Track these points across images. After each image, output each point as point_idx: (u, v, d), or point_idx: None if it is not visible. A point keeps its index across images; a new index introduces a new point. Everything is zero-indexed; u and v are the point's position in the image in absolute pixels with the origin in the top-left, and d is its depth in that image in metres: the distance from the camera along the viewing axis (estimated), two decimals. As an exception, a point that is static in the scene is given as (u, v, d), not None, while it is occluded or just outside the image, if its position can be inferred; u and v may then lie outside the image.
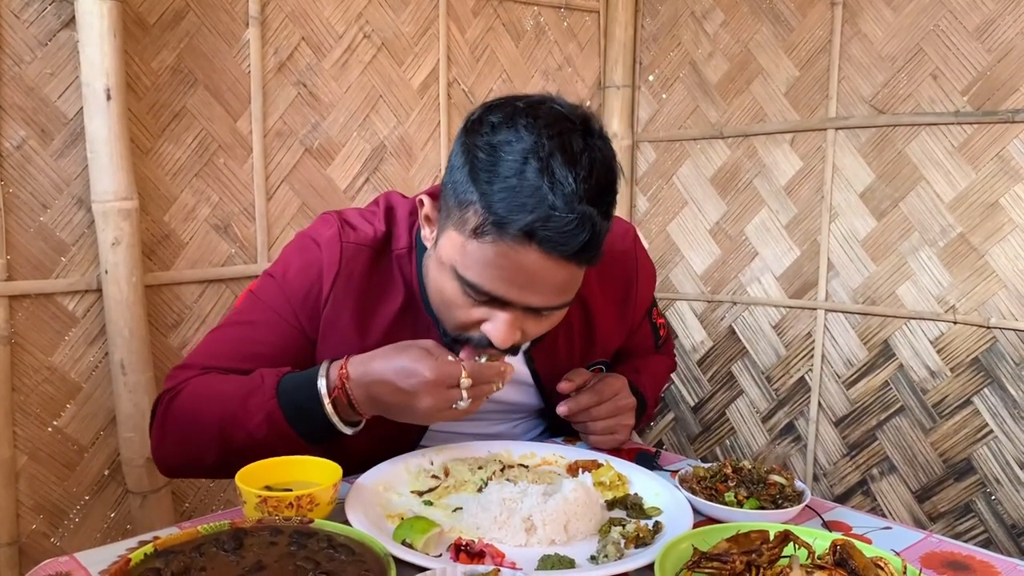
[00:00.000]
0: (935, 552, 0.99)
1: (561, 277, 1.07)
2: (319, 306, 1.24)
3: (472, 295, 1.09)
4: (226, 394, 1.16)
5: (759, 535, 0.90)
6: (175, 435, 1.20)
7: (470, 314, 1.12)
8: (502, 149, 1.03)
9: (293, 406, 1.12)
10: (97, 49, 1.82)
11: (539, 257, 1.03)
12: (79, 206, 1.92)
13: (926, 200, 2.30)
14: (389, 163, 2.43)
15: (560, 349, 1.36)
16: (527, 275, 1.05)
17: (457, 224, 1.07)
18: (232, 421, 1.13)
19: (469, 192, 1.05)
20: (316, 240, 1.26)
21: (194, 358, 1.26)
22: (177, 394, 1.20)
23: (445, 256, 1.10)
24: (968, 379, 2.26)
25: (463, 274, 1.07)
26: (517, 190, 1.01)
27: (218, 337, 1.28)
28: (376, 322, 1.25)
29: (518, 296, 1.07)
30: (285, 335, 1.24)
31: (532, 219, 1.00)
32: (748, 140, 2.66)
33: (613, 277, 1.40)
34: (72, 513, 1.99)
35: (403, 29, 2.41)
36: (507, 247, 1.03)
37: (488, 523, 0.98)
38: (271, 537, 0.86)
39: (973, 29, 2.18)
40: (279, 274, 1.27)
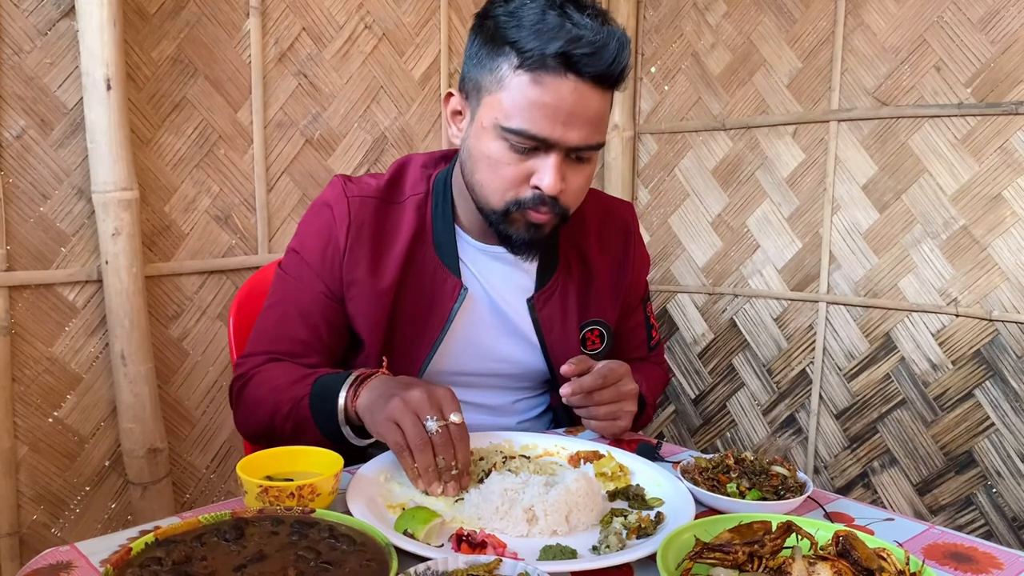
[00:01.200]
0: (937, 544, 0.99)
1: (595, 107, 1.17)
2: (339, 263, 1.31)
3: (519, 145, 1.18)
4: (279, 384, 1.25)
5: (762, 526, 0.90)
6: (244, 418, 1.33)
7: (518, 170, 1.20)
8: (520, 10, 1.16)
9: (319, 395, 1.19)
10: (97, 38, 1.81)
11: (575, 85, 1.14)
12: (79, 196, 1.91)
13: (929, 192, 2.29)
14: (390, 154, 2.42)
15: (559, 298, 1.40)
16: (566, 109, 1.14)
17: (492, 86, 1.18)
18: (275, 407, 1.23)
19: (498, 52, 1.17)
20: (325, 202, 1.35)
21: (252, 346, 1.36)
22: (248, 381, 1.30)
23: (487, 121, 1.20)
24: (970, 372, 2.26)
25: (507, 125, 1.17)
26: (544, 29, 1.13)
27: (265, 320, 1.37)
28: (388, 264, 1.32)
29: (561, 134, 1.16)
30: (316, 303, 1.33)
31: (563, 43, 1.11)
32: (750, 132, 2.65)
33: (611, 232, 1.48)
34: (73, 504, 1.99)
35: (404, 19, 2.40)
36: (545, 79, 1.13)
37: (490, 514, 0.98)
38: (272, 527, 0.86)
39: (977, 21, 2.17)
40: (299, 246, 1.36)
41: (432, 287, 1.34)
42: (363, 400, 1.14)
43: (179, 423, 2.14)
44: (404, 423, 1.04)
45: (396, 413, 1.05)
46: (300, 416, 1.20)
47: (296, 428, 1.21)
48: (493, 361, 1.40)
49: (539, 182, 1.20)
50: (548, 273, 1.40)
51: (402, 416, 1.05)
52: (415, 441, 1.03)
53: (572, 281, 1.43)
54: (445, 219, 1.36)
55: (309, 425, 1.19)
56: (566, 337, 1.41)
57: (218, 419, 2.20)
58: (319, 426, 1.18)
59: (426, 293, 1.34)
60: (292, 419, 1.21)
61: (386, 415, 1.06)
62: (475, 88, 1.23)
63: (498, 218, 1.26)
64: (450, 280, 1.34)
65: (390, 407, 1.06)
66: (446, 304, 1.34)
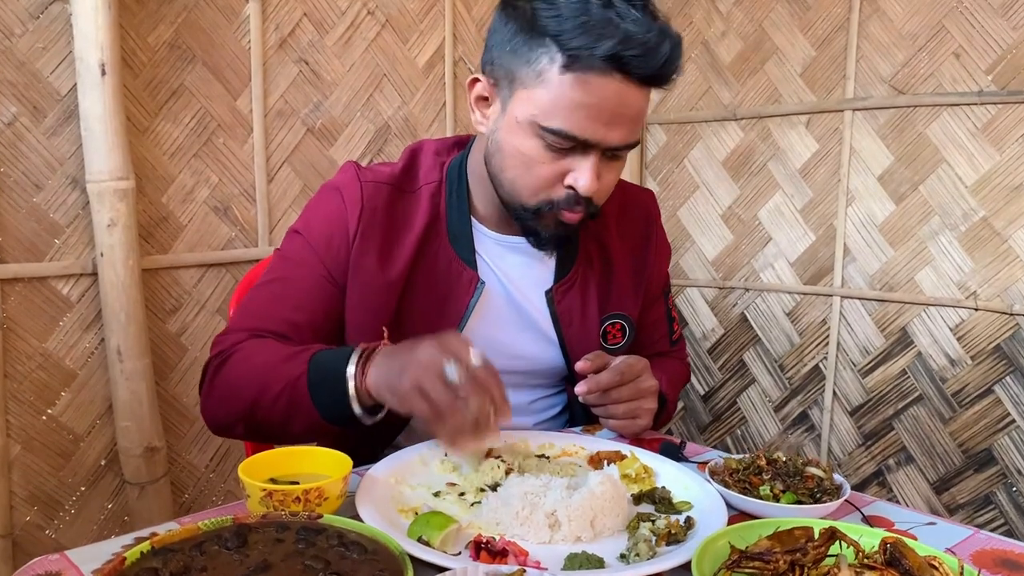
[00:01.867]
0: (986, 550, 0.93)
1: (637, 106, 1.12)
2: (346, 249, 1.24)
3: (556, 145, 1.12)
4: (268, 361, 1.14)
5: (803, 532, 0.84)
6: (219, 398, 1.20)
7: (553, 169, 1.14)
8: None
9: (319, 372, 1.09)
10: (91, 22, 1.75)
11: (621, 85, 1.08)
12: (73, 186, 1.85)
13: (947, 183, 2.23)
14: (393, 144, 2.36)
15: (579, 290, 1.35)
16: (610, 109, 1.09)
17: (529, 80, 1.11)
18: (262, 387, 1.12)
19: (536, 44, 1.09)
20: (336, 187, 1.28)
21: (236, 321, 1.26)
22: (227, 358, 1.19)
23: (522, 116, 1.13)
24: (989, 367, 2.20)
25: (546, 124, 1.10)
26: (589, 24, 1.05)
27: (255, 297, 1.28)
28: (398, 254, 1.25)
29: (603, 135, 1.11)
30: (315, 287, 1.25)
31: (614, 43, 1.04)
32: (762, 122, 2.59)
33: (632, 221, 1.43)
34: (68, 504, 1.93)
35: (408, 6, 2.34)
36: (591, 80, 1.07)
37: (509, 519, 0.92)
38: (277, 534, 0.81)
39: (998, 6, 2.11)
40: (303, 228, 1.29)
41: (447, 280, 1.28)
42: (374, 377, 1.04)
43: (177, 421, 2.08)
44: (427, 388, 0.95)
45: (417, 379, 0.96)
46: (295, 398, 1.09)
47: (288, 411, 1.10)
48: (509, 358, 1.32)
49: (574, 182, 1.14)
50: (568, 264, 1.35)
51: (424, 380, 0.96)
52: (445, 402, 0.95)
53: (592, 273, 1.37)
54: (460, 209, 1.30)
55: (305, 408, 1.08)
56: (586, 331, 1.35)
57: (217, 416, 2.14)
58: (320, 409, 1.08)
59: (440, 287, 1.27)
60: (284, 401, 1.10)
61: (408, 386, 0.97)
62: (507, 77, 1.15)
63: (527, 215, 1.20)
64: (466, 273, 1.28)
65: (409, 376, 0.98)
66: (462, 298, 1.27)
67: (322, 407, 1.08)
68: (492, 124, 1.20)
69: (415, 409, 0.97)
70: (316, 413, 1.08)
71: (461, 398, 0.95)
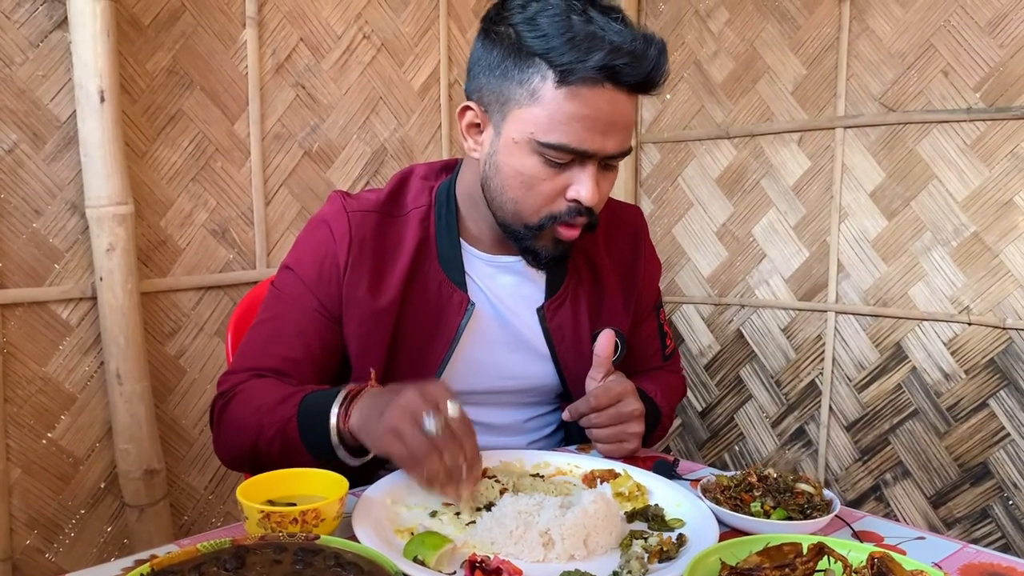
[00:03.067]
0: (974, 564, 0.94)
1: (628, 114, 1.15)
2: (338, 282, 1.26)
3: (555, 160, 1.14)
4: (264, 403, 1.17)
5: (792, 548, 0.85)
6: (226, 439, 1.24)
7: (555, 184, 1.17)
8: (540, 17, 1.11)
9: (307, 415, 1.12)
10: (90, 50, 1.77)
11: (613, 95, 1.11)
12: (72, 212, 1.87)
13: (938, 199, 2.26)
14: (390, 166, 2.38)
15: (570, 306, 1.36)
16: (604, 119, 1.12)
17: (522, 99, 1.14)
18: (259, 429, 1.16)
19: (526, 65, 1.12)
20: (323, 219, 1.30)
21: (237, 362, 1.29)
22: (230, 400, 1.22)
23: (518, 135, 1.15)
24: (983, 381, 2.22)
25: (545, 140, 1.13)
26: (576, 39, 1.09)
27: (253, 336, 1.30)
28: (389, 280, 1.27)
29: (600, 144, 1.13)
30: (309, 322, 1.27)
31: (603, 55, 1.08)
32: (755, 140, 2.61)
33: (620, 238, 1.44)
34: (67, 528, 1.94)
35: (403, 29, 2.37)
36: (584, 92, 1.10)
37: (503, 538, 0.93)
38: (275, 555, 0.81)
39: (985, 24, 2.14)
40: (294, 262, 1.30)
41: (437, 303, 1.29)
42: (356, 419, 1.07)
43: (176, 443, 2.09)
44: (403, 432, 0.98)
45: (394, 423, 0.99)
46: (287, 440, 1.13)
47: (284, 452, 1.13)
48: (503, 378, 1.34)
49: (577, 195, 1.17)
50: (558, 282, 1.36)
51: (400, 424, 0.98)
52: (419, 449, 0.97)
53: (583, 289, 1.38)
54: (450, 232, 1.31)
55: (297, 449, 1.11)
56: (578, 346, 1.36)
57: (216, 438, 2.15)
58: (309, 450, 1.11)
59: (431, 310, 1.29)
60: (278, 442, 1.14)
61: (384, 428, 1.00)
62: (499, 101, 1.17)
63: (529, 234, 1.22)
64: (456, 295, 1.29)
65: (386, 419, 1.00)
66: (452, 320, 1.28)
67: (311, 448, 1.11)
68: (487, 149, 1.22)
69: (391, 452, 1.00)
70: (308, 454, 1.11)
71: (436, 448, 0.97)
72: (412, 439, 0.97)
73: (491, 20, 1.18)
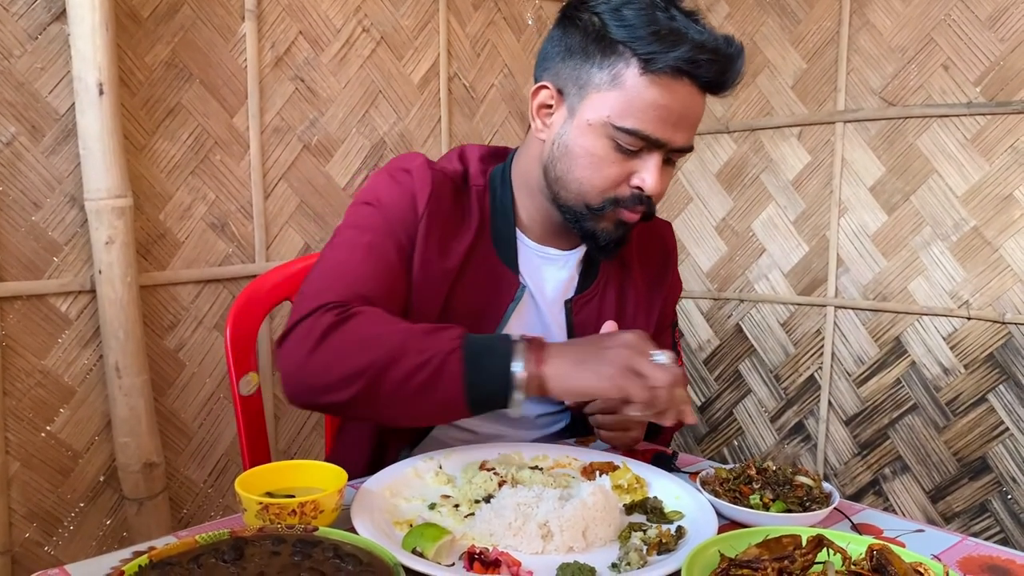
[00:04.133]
0: (973, 556, 0.94)
1: (699, 111, 1.19)
2: (414, 228, 1.25)
3: (626, 145, 1.17)
4: (407, 330, 1.09)
5: (791, 540, 0.85)
6: (330, 358, 1.09)
7: (621, 169, 1.19)
8: (625, 9, 1.15)
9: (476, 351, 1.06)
10: (89, 43, 1.76)
11: (690, 90, 1.14)
12: (71, 204, 1.87)
13: (938, 193, 2.26)
14: (389, 159, 2.37)
15: (596, 304, 1.38)
16: (678, 112, 1.15)
17: (603, 85, 1.17)
18: (399, 353, 1.06)
19: (610, 51, 1.16)
20: (405, 168, 1.29)
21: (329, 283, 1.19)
22: (349, 316, 1.11)
23: (594, 118, 1.18)
24: (983, 376, 2.22)
25: (620, 124, 1.15)
26: (661, 33, 1.12)
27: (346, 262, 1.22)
28: (454, 246, 1.27)
29: (671, 136, 1.16)
30: (398, 254, 1.24)
31: (687, 49, 1.11)
32: (755, 134, 2.61)
33: (652, 249, 1.48)
34: (66, 521, 1.94)
35: (403, 23, 2.36)
36: (664, 82, 1.13)
37: (502, 530, 0.93)
38: (273, 546, 0.81)
39: (985, 18, 2.14)
40: (375, 200, 1.28)
41: (489, 281, 1.30)
42: (556, 363, 1.04)
43: (175, 436, 2.09)
44: (640, 367, 1.01)
45: (626, 360, 1.01)
46: (441, 371, 1.04)
47: (426, 383, 1.04)
48: None
49: (641, 182, 1.19)
50: (590, 279, 1.38)
51: (633, 361, 1.01)
52: (665, 378, 1.00)
53: (611, 291, 1.40)
54: (505, 214, 1.33)
55: (447, 383, 1.04)
56: None
57: (216, 431, 2.15)
58: (468, 387, 1.04)
59: (483, 286, 1.29)
60: (427, 372, 1.04)
61: (616, 366, 1.01)
62: (576, 84, 1.20)
63: (589, 215, 1.24)
64: (507, 276, 1.31)
65: (613, 357, 1.02)
66: (503, 300, 1.30)
67: (473, 385, 1.04)
68: (557, 130, 1.24)
69: (626, 387, 1.00)
70: (459, 389, 1.05)
71: (675, 377, 1.01)
72: (651, 370, 1.00)
73: (573, 7, 1.22)
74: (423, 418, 1.14)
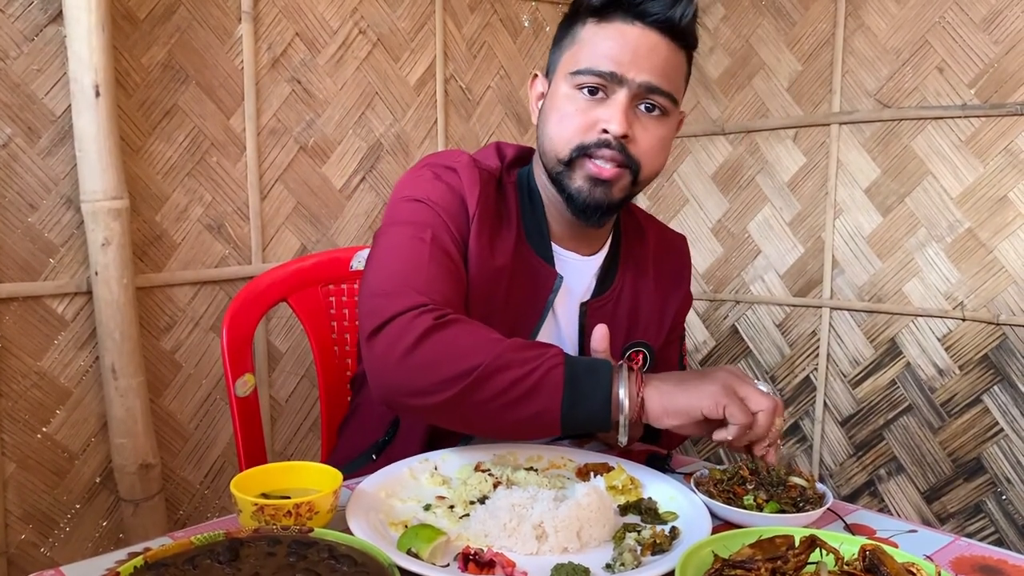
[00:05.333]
0: (965, 556, 0.95)
1: (662, 53, 1.20)
2: (467, 226, 1.25)
3: (585, 85, 1.21)
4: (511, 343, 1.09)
5: (784, 540, 0.85)
6: (431, 361, 1.08)
7: (587, 117, 1.21)
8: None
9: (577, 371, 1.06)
10: (85, 44, 1.77)
11: (641, 31, 1.18)
12: (68, 206, 1.87)
13: (933, 195, 2.26)
14: (386, 161, 2.38)
15: (610, 309, 1.38)
16: (631, 50, 1.18)
17: (567, 47, 1.25)
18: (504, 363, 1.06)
19: (571, 21, 1.26)
20: (451, 167, 1.30)
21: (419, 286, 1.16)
22: (449, 322, 1.10)
23: (560, 76, 1.25)
24: (977, 377, 2.23)
25: (576, 68, 1.21)
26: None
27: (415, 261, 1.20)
28: (501, 245, 1.28)
29: (627, 70, 1.18)
30: (458, 253, 1.24)
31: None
32: (750, 136, 2.62)
33: (669, 261, 1.49)
34: (63, 522, 1.94)
35: (399, 24, 2.36)
36: (613, 26, 1.20)
37: (497, 530, 0.94)
38: (269, 547, 0.82)
39: (980, 21, 2.15)
40: (424, 197, 1.26)
41: (530, 275, 1.31)
42: (659, 387, 1.05)
43: (172, 438, 2.09)
44: (742, 390, 1.03)
45: (729, 383, 1.04)
46: (542, 385, 1.04)
47: (526, 394, 1.04)
48: None
49: (605, 124, 1.20)
50: (607, 284, 1.38)
51: (737, 384, 1.03)
52: (766, 403, 1.02)
53: (625, 298, 1.40)
54: (535, 211, 1.34)
55: (544, 398, 1.04)
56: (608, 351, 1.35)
57: (212, 433, 2.15)
58: (565, 402, 1.04)
59: (527, 281, 1.31)
60: (528, 383, 1.04)
61: (718, 388, 1.02)
62: (555, 62, 1.28)
63: (565, 172, 1.25)
64: (544, 269, 1.32)
65: (717, 379, 1.04)
66: (542, 293, 1.31)
67: (570, 402, 1.04)
68: (543, 106, 1.30)
69: (729, 408, 1.01)
70: (556, 405, 1.04)
71: (775, 405, 1.03)
72: (754, 395, 1.03)
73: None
74: (510, 431, 1.12)
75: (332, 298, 1.69)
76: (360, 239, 2.35)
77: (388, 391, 1.12)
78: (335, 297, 1.70)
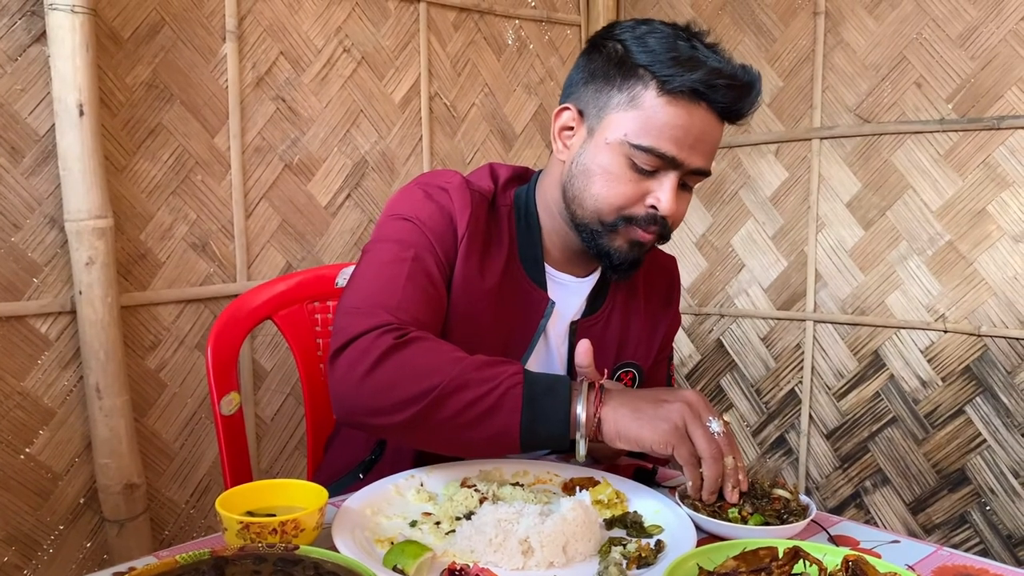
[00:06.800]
0: (947, 566, 0.96)
1: (716, 136, 1.22)
2: (454, 248, 1.26)
3: (642, 164, 1.19)
4: (471, 361, 1.09)
5: (768, 552, 0.86)
6: (392, 380, 1.08)
7: (637, 188, 1.21)
8: (648, 38, 1.19)
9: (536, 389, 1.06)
10: (69, 64, 1.77)
11: (706, 114, 1.18)
12: (51, 225, 1.86)
13: (913, 208, 2.29)
14: (371, 178, 2.39)
15: (600, 330, 1.39)
16: (694, 135, 1.18)
17: (621, 105, 1.20)
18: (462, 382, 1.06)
19: (630, 74, 1.20)
20: (442, 187, 1.30)
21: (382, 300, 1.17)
22: (409, 341, 1.10)
23: (612, 136, 1.21)
24: (960, 388, 2.24)
25: (637, 142, 1.18)
26: (680, 58, 1.16)
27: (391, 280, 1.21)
28: (491, 267, 1.29)
29: (686, 155, 1.18)
30: (440, 274, 1.25)
31: (703, 74, 1.14)
32: (732, 151, 2.64)
33: (659, 281, 1.50)
34: (46, 544, 1.92)
35: (383, 43, 2.38)
36: (680, 105, 1.16)
37: (483, 546, 0.94)
38: (254, 565, 0.81)
39: (956, 37, 2.18)
40: (413, 216, 1.27)
41: (521, 299, 1.32)
42: (614, 409, 1.05)
43: (157, 457, 2.07)
44: (692, 430, 1.03)
45: (680, 419, 1.03)
46: (502, 403, 1.04)
47: (485, 413, 1.04)
48: None
49: (655, 201, 1.21)
50: (598, 304, 1.40)
51: (688, 422, 1.03)
52: (711, 450, 1.02)
53: (616, 316, 1.42)
54: (531, 233, 1.34)
55: (504, 417, 1.04)
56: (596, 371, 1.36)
57: (197, 452, 2.14)
58: (524, 421, 1.04)
59: (518, 304, 1.31)
60: (487, 402, 1.04)
61: (669, 423, 1.02)
62: (596, 105, 1.24)
63: (602, 232, 1.25)
64: (536, 293, 1.32)
65: (668, 413, 1.03)
66: (533, 317, 1.32)
67: (529, 421, 1.05)
68: (577, 150, 1.27)
69: (676, 449, 1.02)
70: (515, 424, 1.05)
71: (720, 449, 1.03)
72: (704, 439, 1.03)
73: (600, 36, 1.27)
74: (471, 449, 1.13)
75: (318, 315, 1.69)
76: (345, 256, 2.36)
77: (348, 412, 1.12)
78: (320, 314, 1.70)
